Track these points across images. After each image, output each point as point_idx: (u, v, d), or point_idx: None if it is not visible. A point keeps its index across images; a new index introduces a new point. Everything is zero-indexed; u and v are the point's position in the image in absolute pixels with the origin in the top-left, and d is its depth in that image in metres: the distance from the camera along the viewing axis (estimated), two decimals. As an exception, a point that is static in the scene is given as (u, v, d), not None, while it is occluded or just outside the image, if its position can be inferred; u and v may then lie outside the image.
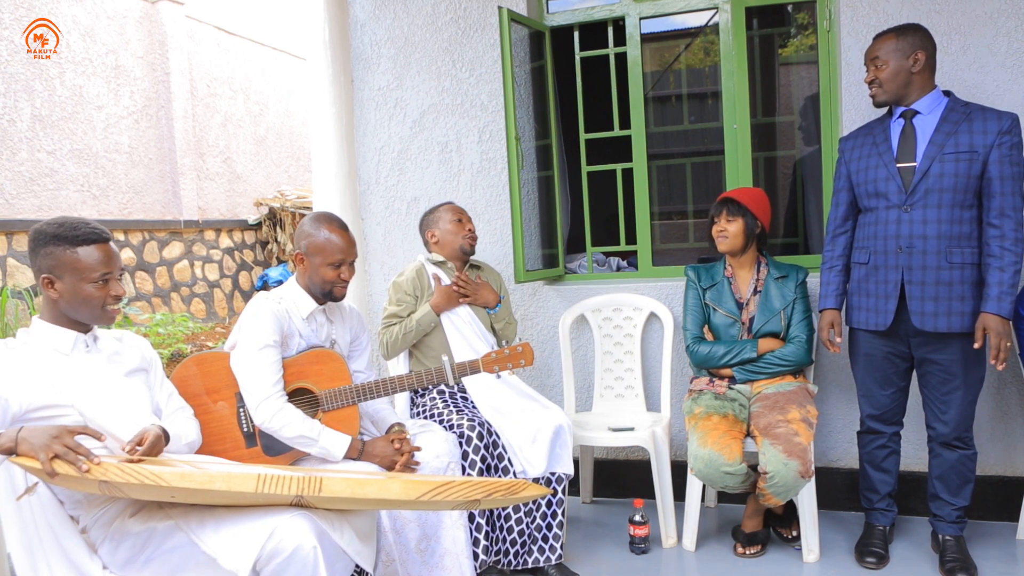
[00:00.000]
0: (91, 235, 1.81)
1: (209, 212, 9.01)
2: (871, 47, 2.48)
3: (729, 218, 2.79)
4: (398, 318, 2.85)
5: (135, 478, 1.60)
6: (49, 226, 1.80)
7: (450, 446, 2.40)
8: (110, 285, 1.82)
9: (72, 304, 1.79)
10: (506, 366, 2.45)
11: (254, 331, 2.20)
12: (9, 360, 1.75)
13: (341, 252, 2.29)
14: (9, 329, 5.57)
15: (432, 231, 2.94)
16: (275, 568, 1.66)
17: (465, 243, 2.90)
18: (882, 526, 2.69)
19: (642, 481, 3.22)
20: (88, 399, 1.77)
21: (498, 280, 3.07)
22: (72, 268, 1.78)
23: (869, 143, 2.52)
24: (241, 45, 9.69)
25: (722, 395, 2.77)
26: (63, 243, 1.78)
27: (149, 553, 1.75)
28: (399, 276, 2.92)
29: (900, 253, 2.42)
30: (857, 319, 2.59)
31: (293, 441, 2.16)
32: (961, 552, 2.52)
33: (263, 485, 1.67)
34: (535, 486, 1.85)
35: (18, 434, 1.58)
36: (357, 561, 1.85)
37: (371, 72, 3.65)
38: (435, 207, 3.00)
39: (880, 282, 2.48)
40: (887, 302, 2.47)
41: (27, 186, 6.90)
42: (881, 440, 2.66)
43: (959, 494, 2.55)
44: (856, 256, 2.59)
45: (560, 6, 3.55)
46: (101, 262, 1.80)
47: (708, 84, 7.33)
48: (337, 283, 2.31)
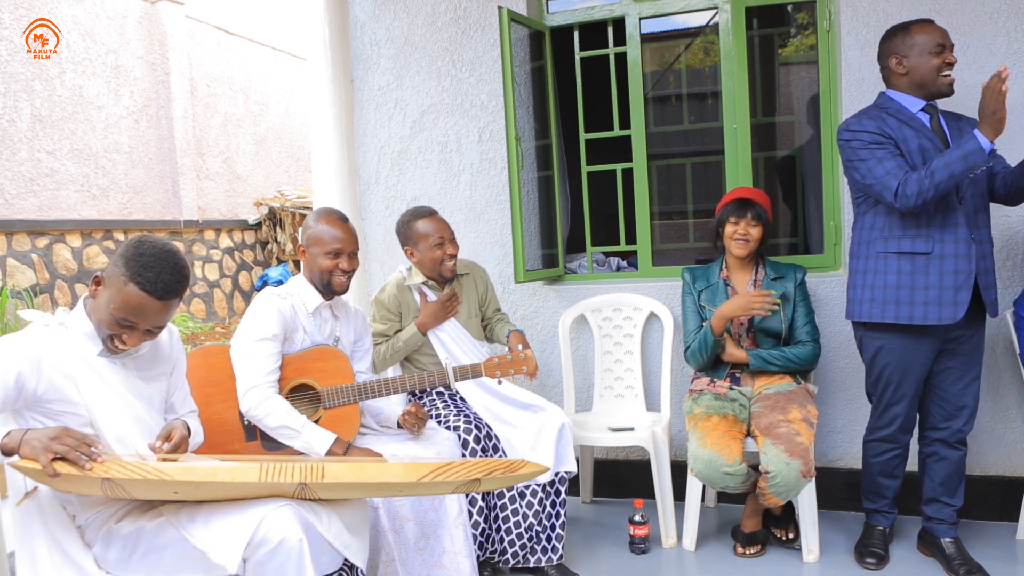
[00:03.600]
0: (150, 284, 1.68)
1: (209, 212, 9.01)
2: (944, 32, 2.41)
3: (754, 222, 2.76)
4: (384, 336, 2.78)
5: (138, 474, 1.61)
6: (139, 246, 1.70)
7: (450, 445, 2.41)
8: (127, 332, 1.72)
9: (94, 314, 1.76)
10: (508, 372, 2.45)
11: (255, 323, 2.22)
12: (41, 341, 1.71)
13: (338, 242, 2.31)
14: (9, 329, 5.57)
15: (411, 250, 2.76)
16: (261, 558, 1.67)
17: (445, 270, 2.74)
18: (883, 527, 2.69)
19: (642, 481, 3.22)
20: (101, 403, 1.74)
21: (484, 278, 3.01)
22: (113, 295, 1.70)
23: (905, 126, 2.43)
24: (241, 45, 9.70)
25: (722, 395, 2.77)
26: (127, 270, 1.68)
27: (141, 552, 1.76)
28: (380, 292, 2.81)
29: (972, 242, 2.36)
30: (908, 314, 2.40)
31: (276, 431, 2.17)
32: (966, 555, 2.51)
33: (266, 475, 1.69)
34: (533, 464, 1.86)
35: (23, 436, 1.58)
36: (345, 555, 1.84)
37: (371, 72, 3.65)
38: (413, 218, 2.75)
39: (949, 272, 2.36)
40: (958, 293, 2.35)
41: (27, 186, 6.90)
42: (899, 450, 2.60)
43: (958, 494, 2.56)
44: (909, 245, 2.40)
45: (560, 6, 3.55)
46: (135, 310, 1.69)
47: (708, 84, 7.33)
48: (335, 272, 2.32)
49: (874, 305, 2.46)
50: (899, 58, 2.44)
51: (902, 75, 2.45)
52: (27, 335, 1.72)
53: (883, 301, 2.43)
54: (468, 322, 2.86)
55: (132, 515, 1.80)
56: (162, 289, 1.69)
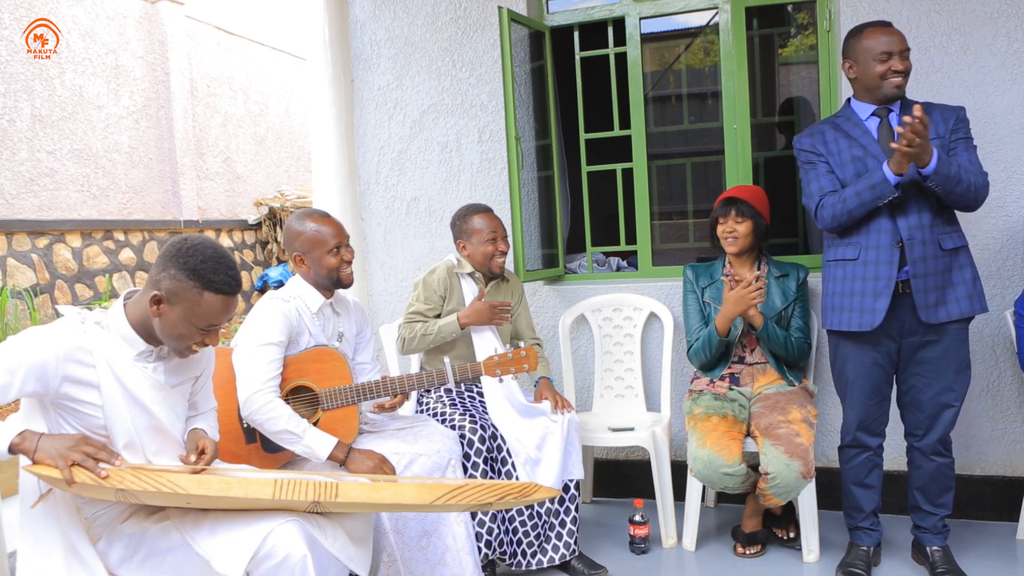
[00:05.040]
0: (225, 286, 1.72)
1: (209, 212, 9.01)
2: (899, 38, 2.34)
3: (739, 219, 2.76)
4: (422, 316, 2.76)
5: (152, 486, 1.62)
6: (195, 253, 1.70)
7: (451, 443, 2.40)
8: (210, 334, 1.76)
9: (165, 333, 1.73)
10: (508, 370, 2.44)
11: (259, 328, 2.22)
12: (73, 337, 1.68)
13: (334, 237, 2.34)
14: (9, 329, 5.57)
15: (464, 243, 2.81)
16: (264, 572, 1.67)
17: (495, 265, 2.79)
18: (866, 547, 2.56)
19: (642, 481, 3.22)
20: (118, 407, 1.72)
21: (520, 290, 3.01)
22: (189, 307, 1.69)
23: (843, 137, 2.42)
24: (241, 45, 9.69)
25: (722, 396, 2.77)
26: (196, 280, 1.68)
27: (144, 554, 1.76)
28: (430, 274, 2.81)
29: (896, 248, 2.32)
30: (839, 320, 2.43)
31: (277, 436, 2.16)
32: (950, 563, 2.47)
33: (280, 491, 1.69)
34: (546, 488, 1.87)
35: (38, 442, 1.60)
36: (350, 567, 1.86)
37: (371, 72, 3.65)
38: (470, 213, 2.81)
39: (870, 278, 2.36)
40: (876, 300, 2.34)
41: (27, 186, 6.89)
42: (866, 454, 2.53)
43: (941, 504, 2.50)
44: (842, 252, 2.42)
45: (560, 6, 3.55)
46: (218, 314, 1.72)
47: (708, 84, 7.33)
48: (342, 267, 2.35)
49: (824, 313, 2.52)
50: (850, 63, 2.41)
51: (852, 80, 2.43)
52: (60, 330, 1.69)
53: (829, 308, 2.48)
54: (502, 328, 2.86)
55: (137, 516, 1.81)
56: (234, 287, 1.74)
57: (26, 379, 1.61)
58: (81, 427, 1.71)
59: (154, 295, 1.70)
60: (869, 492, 2.56)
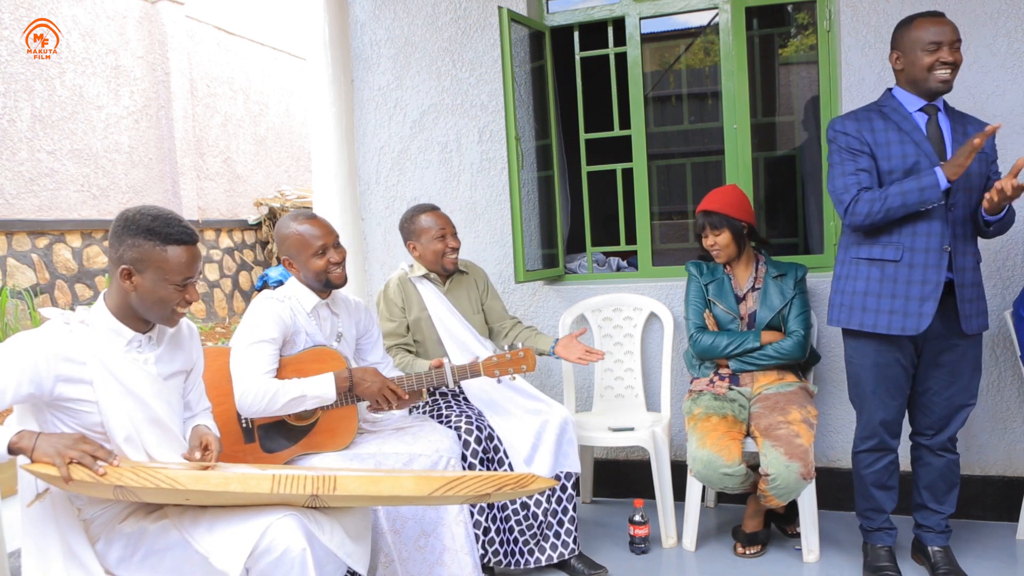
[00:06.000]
0: (183, 235, 1.74)
1: (209, 212, 9.01)
2: (950, 28, 2.24)
3: (715, 232, 2.76)
4: (398, 336, 2.79)
5: (151, 482, 1.62)
6: (143, 217, 1.72)
7: (449, 442, 2.40)
8: (188, 289, 1.76)
9: (146, 302, 1.74)
10: (507, 371, 2.45)
11: (253, 327, 2.23)
12: (59, 338, 1.69)
13: (320, 238, 2.32)
14: (9, 329, 5.57)
15: (414, 244, 2.81)
16: (264, 568, 1.67)
17: (448, 262, 2.78)
18: (887, 547, 2.54)
19: (642, 481, 3.22)
20: (114, 402, 1.73)
21: (484, 277, 3.02)
22: (157, 266, 1.71)
23: (894, 129, 2.32)
24: (241, 45, 9.70)
25: (722, 396, 2.77)
26: (154, 238, 1.71)
27: (143, 552, 1.76)
28: (385, 290, 2.84)
29: (944, 252, 2.26)
30: (869, 321, 2.35)
31: (286, 409, 2.18)
32: (952, 564, 2.46)
33: (278, 486, 1.69)
34: (543, 479, 1.88)
35: (36, 441, 1.60)
36: (348, 563, 1.86)
37: (371, 72, 3.65)
38: (416, 213, 2.81)
39: (916, 282, 2.28)
40: (923, 304, 2.27)
41: (27, 186, 6.90)
42: (890, 456, 2.49)
43: (946, 501, 2.49)
44: (879, 252, 2.32)
45: (560, 6, 3.55)
46: (187, 265, 1.74)
47: (708, 84, 7.33)
48: (330, 269, 2.33)
49: (843, 311, 2.41)
50: (898, 53, 2.33)
51: (899, 71, 2.35)
52: (46, 332, 1.70)
53: (851, 307, 2.38)
54: (473, 318, 2.88)
55: (136, 515, 1.81)
56: (192, 235, 1.77)
57: (20, 383, 1.62)
58: (79, 426, 1.71)
59: (122, 269, 1.72)
60: (890, 493, 2.53)
